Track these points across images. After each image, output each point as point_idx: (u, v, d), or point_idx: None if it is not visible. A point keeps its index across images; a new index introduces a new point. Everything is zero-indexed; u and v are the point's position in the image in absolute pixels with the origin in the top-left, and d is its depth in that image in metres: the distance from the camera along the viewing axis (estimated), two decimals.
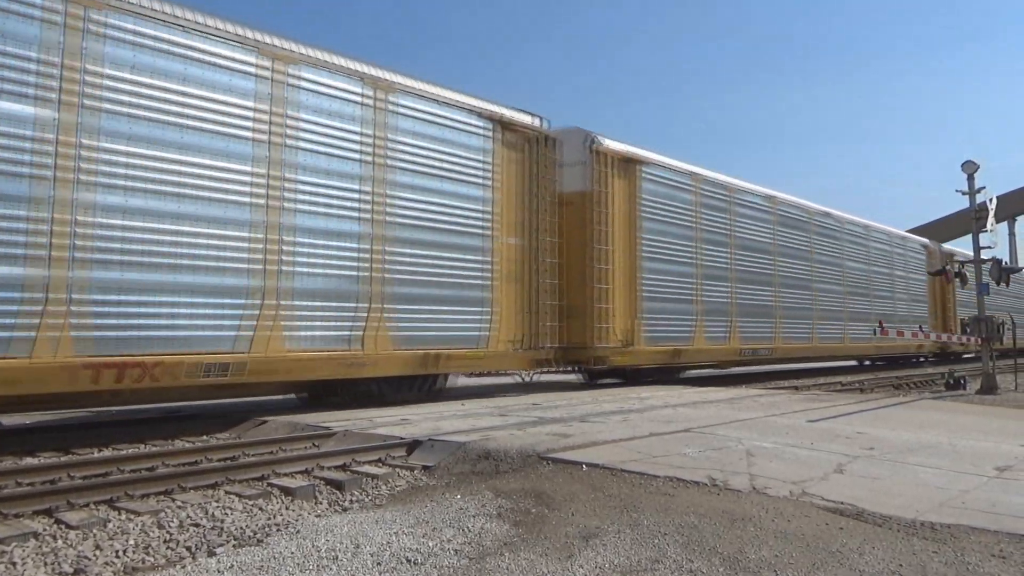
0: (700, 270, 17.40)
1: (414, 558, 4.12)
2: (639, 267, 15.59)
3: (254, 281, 9.78)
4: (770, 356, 20.21)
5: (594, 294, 14.50)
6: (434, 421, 9.05)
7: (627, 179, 15.63)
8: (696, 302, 17.21)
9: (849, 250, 24.22)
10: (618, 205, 15.26)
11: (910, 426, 9.23)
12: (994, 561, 4.03)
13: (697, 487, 5.60)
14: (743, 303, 18.86)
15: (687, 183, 17.39)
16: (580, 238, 14.58)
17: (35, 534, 4.74)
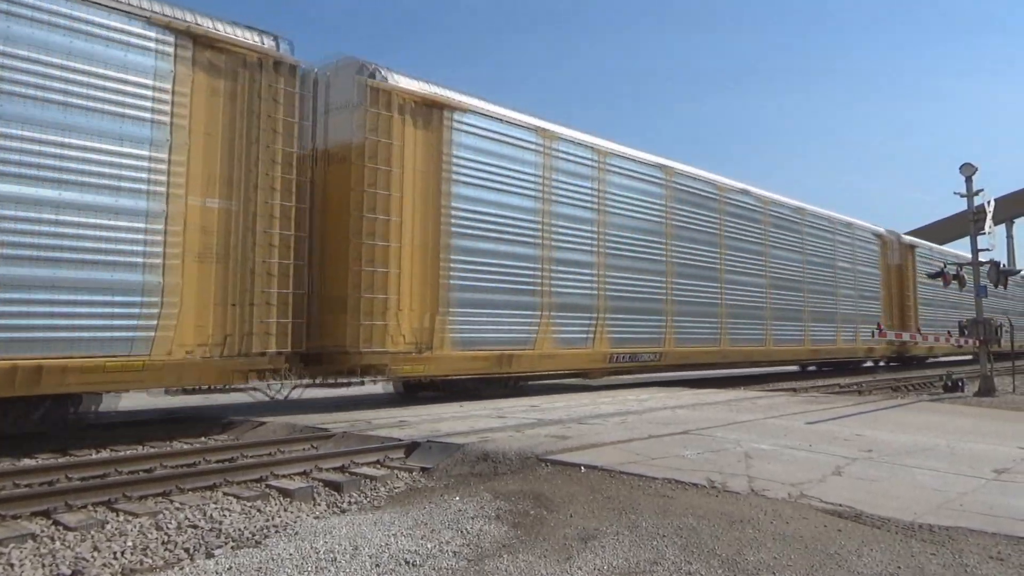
0: (549, 252, 13.68)
1: (413, 560, 4.12)
2: (446, 246, 11.96)
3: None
4: (657, 362, 16.61)
5: (361, 280, 10.81)
6: (432, 423, 9.04)
7: (429, 130, 11.95)
8: (542, 293, 13.48)
9: (775, 236, 20.62)
10: (413, 163, 11.62)
11: (908, 428, 9.24)
12: (992, 563, 4.03)
13: (696, 489, 5.60)
14: (617, 295, 15.25)
15: (531, 141, 13.64)
16: (349, 205, 11.20)
17: (33, 535, 4.73)
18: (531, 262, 13.38)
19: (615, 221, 15.29)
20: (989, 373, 15.24)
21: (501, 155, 13.06)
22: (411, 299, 11.51)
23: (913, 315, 27.32)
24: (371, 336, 10.85)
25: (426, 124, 12.00)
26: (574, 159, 14.48)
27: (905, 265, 27.64)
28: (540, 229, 13.63)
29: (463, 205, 12.36)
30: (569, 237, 14.22)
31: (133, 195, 8.75)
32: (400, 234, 11.38)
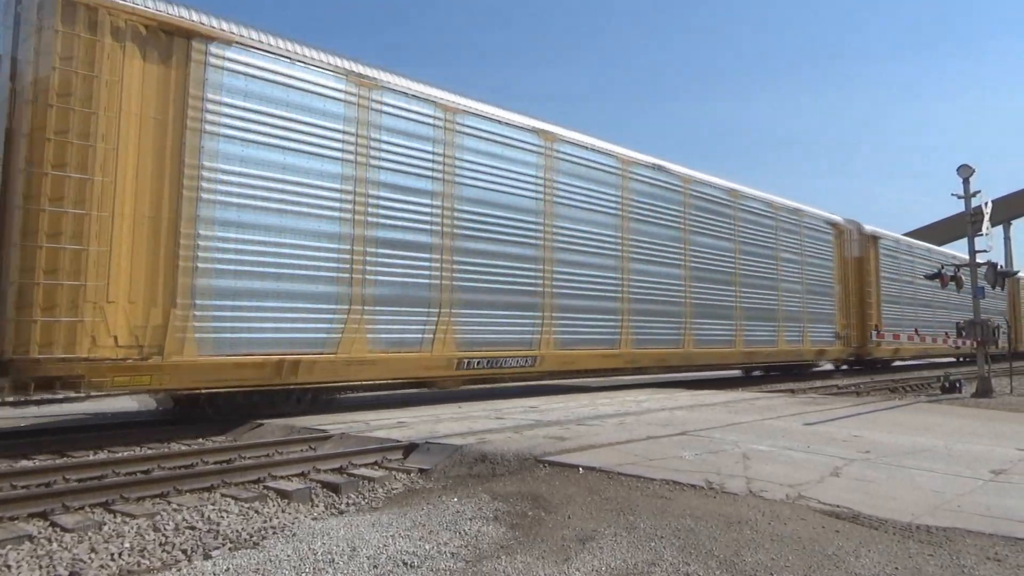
0: (364, 229, 10.84)
1: (411, 561, 4.11)
2: (192, 217, 9.10)
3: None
4: (529, 368, 13.28)
5: (30, 257, 8.02)
6: (431, 424, 9.04)
7: (166, 65, 9.05)
8: (353, 282, 10.67)
9: (697, 220, 17.46)
10: (134, 106, 8.77)
11: (906, 429, 9.25)
12: (989, 564, 4.04)
13: (694, 490, 5.61)
14: (472, 285, 12.29)
15: (338, 90, 10.72)
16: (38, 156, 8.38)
17: (30, 537, 4.73)
18: (335, 242, 10.52)
19: (476, 197, 12.45)
20: (987, 374, 15.26)
21: (297, 106, 10.22)
22: (126, 285, 8.64)
23: (875, 313, 24.64)
24: (51, 337, 8.05)
25: (160, 57, 9.10)
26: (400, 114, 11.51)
27: (866, 258, 24.73)
28: (352, 203, 10.73)
29: (228, 165, 9.52)
30: (400, 212, 11.36)
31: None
32: (112, 200, 8.56)
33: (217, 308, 9.32)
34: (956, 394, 16.05)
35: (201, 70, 9.35)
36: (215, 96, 9.44)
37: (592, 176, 14.79)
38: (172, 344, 8.86)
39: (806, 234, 21.91)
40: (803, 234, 21.75)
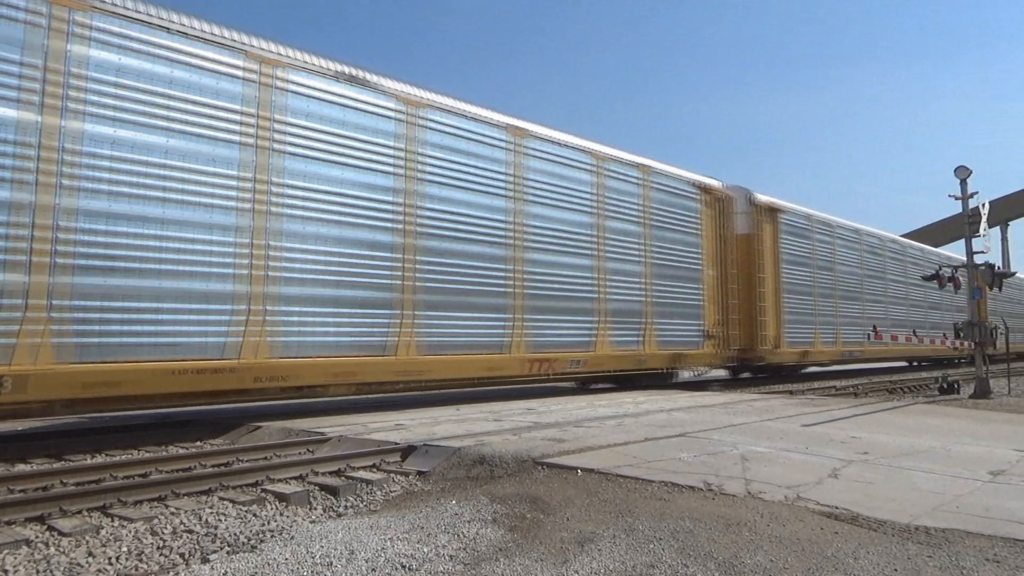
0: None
1: (409, 564, 4.10)
2: None
3: None
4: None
5: None
6: (429, 426, 9.03)
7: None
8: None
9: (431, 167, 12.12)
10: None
11: (904, 431, 9.25)
12: (988, 565, 4.04)
13: (692, 492, 5.60)
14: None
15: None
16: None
17: (27, 541, 4.71)
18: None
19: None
20: (985, 375, 15.28)
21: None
22: None
23: (772, 308, 19.51)
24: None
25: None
26: None
27: (758, 236, 19.36)
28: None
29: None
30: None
31: None
32: None
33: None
34: (954, 395, 16.07)
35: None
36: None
37: None
38: None
39: (654, 198, 16.38)
40: (648, 197, 16.18)
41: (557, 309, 14.00)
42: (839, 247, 23.39)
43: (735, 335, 18.53)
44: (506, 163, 13.41)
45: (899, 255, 27.78)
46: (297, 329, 10.24)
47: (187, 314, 9.21)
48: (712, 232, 18.21)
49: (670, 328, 16.62)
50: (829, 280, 22.60)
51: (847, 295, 23.59)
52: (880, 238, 26.44)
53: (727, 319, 18.34)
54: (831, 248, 22.89)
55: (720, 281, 18.26)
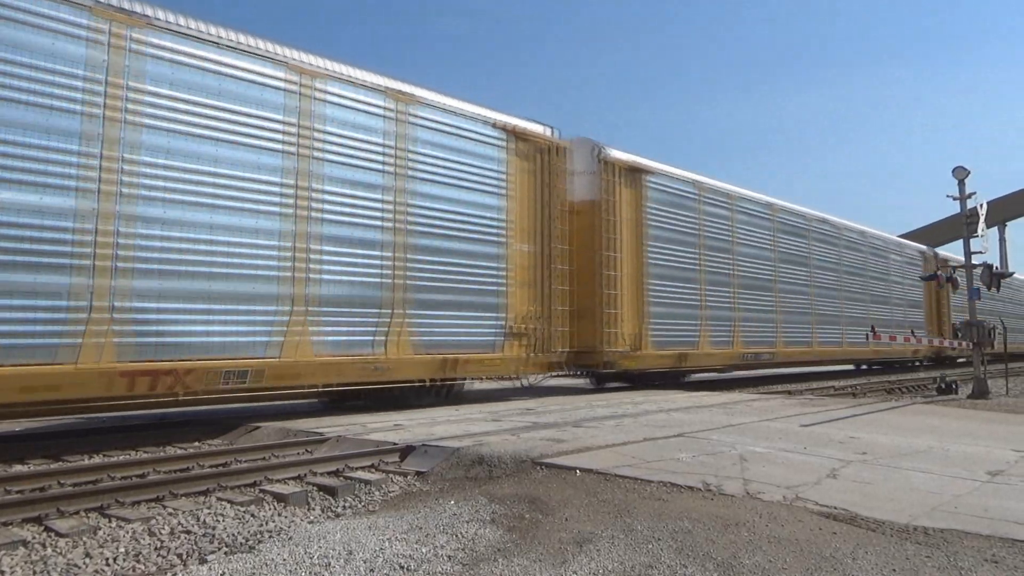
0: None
1: (407, 564, 4.10)
2: None
3: None
4: None
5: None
6: (427, 426, 9.02)
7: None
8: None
9: None
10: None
11: (902, 431, 9.25)
12: (987, 566, 4.03)
13: (691, 492, 5.60)
14: None
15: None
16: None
17: (24, 542, 4.70)
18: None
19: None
20: (983, 376, 15.30)
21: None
22: None
23: (631, 298, 15.36)
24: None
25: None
26: None
27: (611, 203, 15.06)
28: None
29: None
30: None
31: None
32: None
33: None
34: (952, 395, 16.09)
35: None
36: None
37: None
38: None
39: (449, 147, 12.49)
40: (411, 137, 11.88)
41: None
42: (741, 224, 18.98)
43: (562, 333, 13.94)
44: None
45: (830, 238, 23.34)
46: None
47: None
48: (527, 194, 13.66)
49: (440, 323, 12.00)
50: (724, 265, 18.22)
51: (753, 284, 19.19)
52: (804, 216, 22.05)
53: (549, 311, 13.74)
54: (729, 224, 18.51)
55: (540, 260, 13.74)
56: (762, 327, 19.42)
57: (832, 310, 22.94)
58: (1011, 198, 53.45)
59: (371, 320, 11.13)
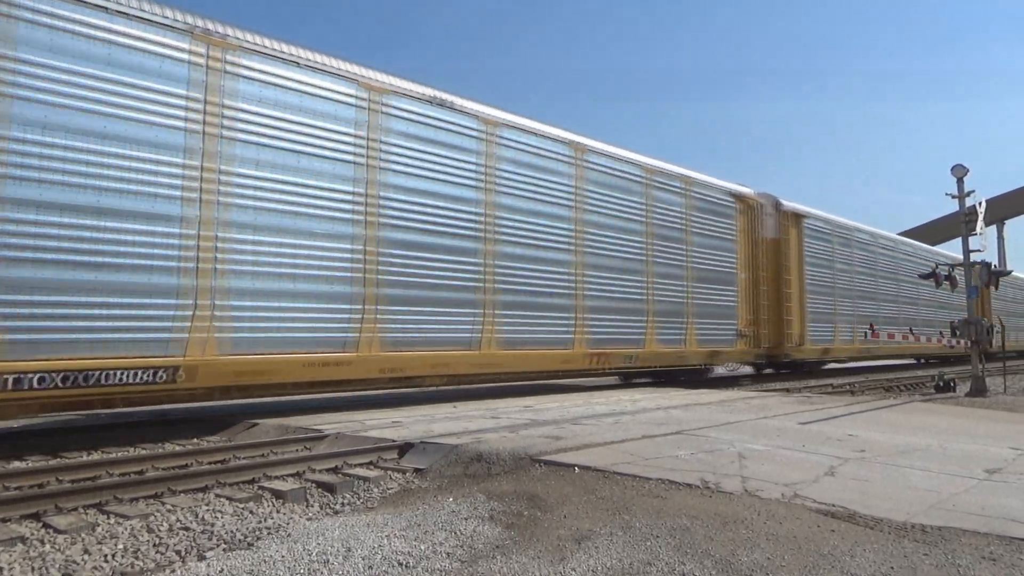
0: None
1: (406, 561, 4.10)
2: None
3: None
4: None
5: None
6: (426, 423, 9.02)
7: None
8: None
9: None
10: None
11: (900, 429, 9.27)
12: (985, 563, 4.04)
13: (689, 489, 5.60)
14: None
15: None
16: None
17: (22, 539, 4.69)
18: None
19: None
20: (981, 374, 15.32)
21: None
22: None
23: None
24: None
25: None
26: None
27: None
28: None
29: None
30: None
31: None
32: None
33: None
34: (950, 393, 16.10)
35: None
36: None
37: None
38: None
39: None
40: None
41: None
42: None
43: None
44: None
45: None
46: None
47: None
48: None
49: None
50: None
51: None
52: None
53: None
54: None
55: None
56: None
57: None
58: (1010, 196, 53.52)
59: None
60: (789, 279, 20.44)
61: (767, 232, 20.03)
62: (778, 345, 19.95)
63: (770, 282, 19.92)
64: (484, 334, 12.72)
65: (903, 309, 27.10)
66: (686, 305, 17.25)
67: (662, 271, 16.62)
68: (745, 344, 18.89)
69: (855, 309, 23.70)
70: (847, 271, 23.52)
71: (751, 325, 19.02)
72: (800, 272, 20.85)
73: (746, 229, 19.26)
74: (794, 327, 20.22)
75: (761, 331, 19.34)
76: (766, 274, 19.76)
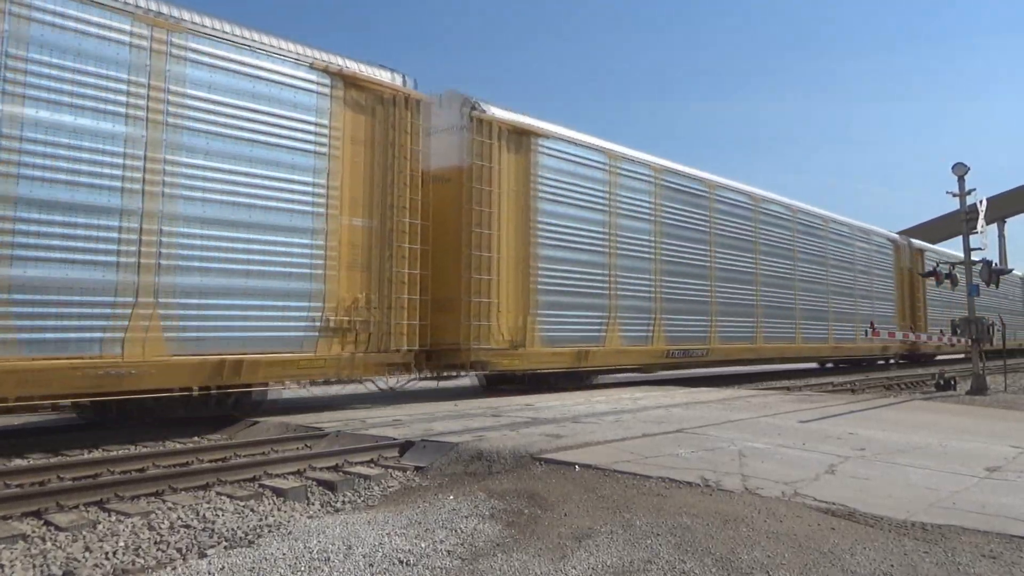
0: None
1: (406, 559, 4.10)
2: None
3: None
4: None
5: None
6: (427, 422, 9.03)
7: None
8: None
9: None
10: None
11: (900, 427, 9.27)
12: (984, 561, 4.04)
13: (690, 488, 5.61)
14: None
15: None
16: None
17: (24, 536, 4.70)
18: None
19: None
20: (981, 372, 15.32)
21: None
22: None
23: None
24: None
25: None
26: None
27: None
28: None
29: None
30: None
31: None
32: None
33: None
34: (951, 391, 16.11)
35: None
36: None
37: None
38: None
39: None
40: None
41: None
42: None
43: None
44: None
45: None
46: None
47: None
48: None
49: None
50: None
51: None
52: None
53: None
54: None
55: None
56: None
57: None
58: (1011, 194, 53.48)
59: None
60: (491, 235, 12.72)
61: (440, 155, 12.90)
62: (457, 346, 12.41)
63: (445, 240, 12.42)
64: None
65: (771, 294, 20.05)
66: None
67: None
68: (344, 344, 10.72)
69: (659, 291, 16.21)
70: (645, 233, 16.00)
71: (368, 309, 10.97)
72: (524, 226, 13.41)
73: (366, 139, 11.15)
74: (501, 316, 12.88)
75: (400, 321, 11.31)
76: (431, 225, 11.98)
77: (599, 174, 15.10)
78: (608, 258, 15.11)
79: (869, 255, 24.65)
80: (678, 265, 16.97)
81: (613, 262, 15.20)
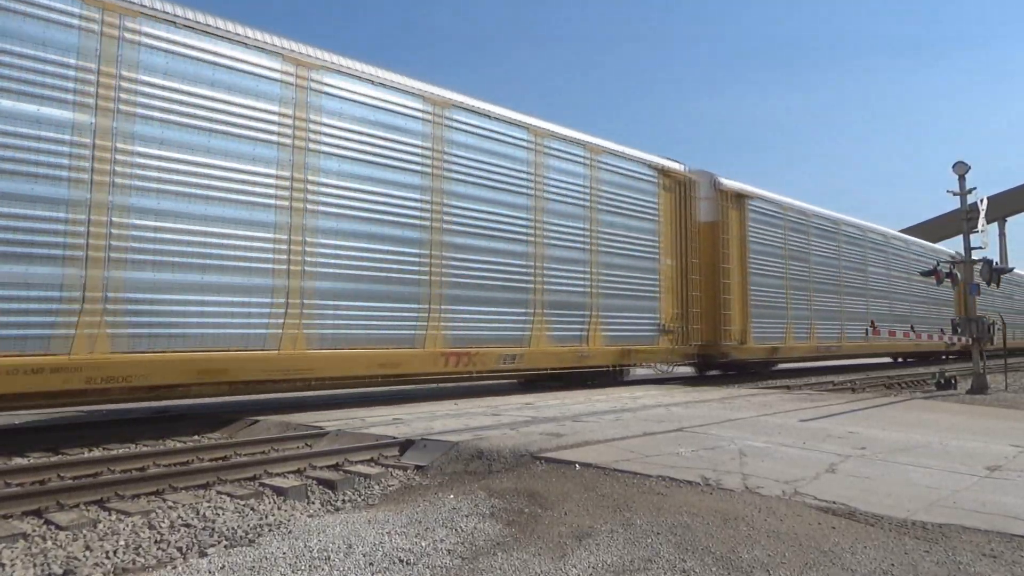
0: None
1: (407, 558, 4.10)
2: None
3: None
4: None
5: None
6: (427, 420, 9.03)
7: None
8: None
9: None
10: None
11: (901, 426, 9.27)
12: (985, 560, 4.04)
13: (690, 487, 5.61)
14: None
15: None
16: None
17: (24, 535, 4.70)
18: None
19: None
20: (982, 371, 15.31)
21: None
22: None
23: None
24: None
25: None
26: None
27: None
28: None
29: None
30: None
31: None
32: None
33: None
34: (951, 391, 16.10)
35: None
36: None
37: None
38: None
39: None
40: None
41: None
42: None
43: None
44: None
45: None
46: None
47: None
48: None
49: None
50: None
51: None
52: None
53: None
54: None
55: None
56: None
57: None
58: (1012, 193, 53.48)
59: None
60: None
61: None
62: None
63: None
64: None
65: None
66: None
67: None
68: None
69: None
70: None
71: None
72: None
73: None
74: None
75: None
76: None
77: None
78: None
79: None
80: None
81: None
